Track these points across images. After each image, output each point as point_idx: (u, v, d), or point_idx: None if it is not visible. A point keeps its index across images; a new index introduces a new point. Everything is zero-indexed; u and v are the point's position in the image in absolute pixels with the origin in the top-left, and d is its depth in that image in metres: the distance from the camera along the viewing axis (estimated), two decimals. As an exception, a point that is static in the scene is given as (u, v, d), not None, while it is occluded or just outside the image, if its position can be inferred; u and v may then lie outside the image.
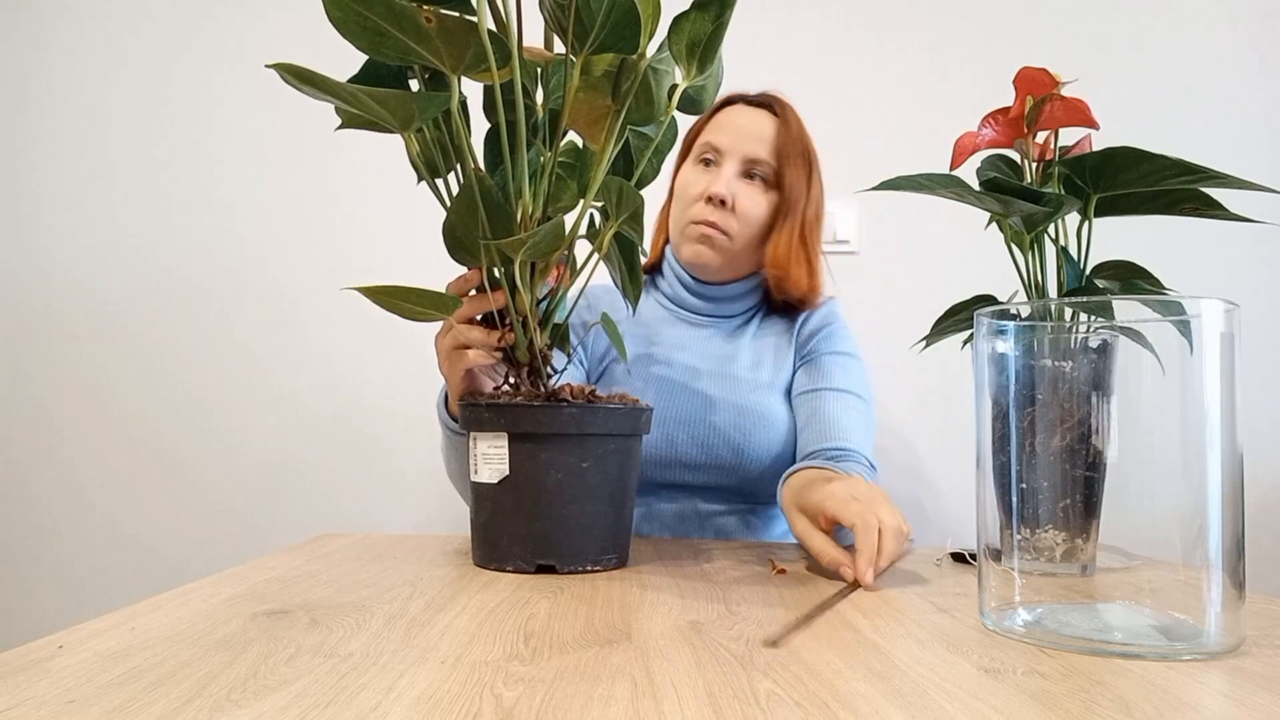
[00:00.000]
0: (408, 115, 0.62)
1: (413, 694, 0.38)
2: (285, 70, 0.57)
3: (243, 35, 1.61)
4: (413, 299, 0.67)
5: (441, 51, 0.61)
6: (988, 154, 0.72)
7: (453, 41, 0.60)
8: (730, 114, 1.10)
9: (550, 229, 0.66)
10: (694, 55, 0.70)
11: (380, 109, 0.61)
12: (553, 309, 0.75)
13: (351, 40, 0.60)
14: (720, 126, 1.09)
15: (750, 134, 1.07)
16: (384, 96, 0.60)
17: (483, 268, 0.71)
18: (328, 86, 0.58)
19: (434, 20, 0.58)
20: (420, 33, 0.59)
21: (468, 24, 0.60)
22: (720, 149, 1.07)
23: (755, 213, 1.07)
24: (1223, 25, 1.58)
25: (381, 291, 0.66)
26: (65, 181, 1.61)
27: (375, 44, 0.61)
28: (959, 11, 1.59)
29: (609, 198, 0.69)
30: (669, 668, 0.43)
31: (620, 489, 0.72)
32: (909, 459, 1.55)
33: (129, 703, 0.37)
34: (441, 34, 0.59)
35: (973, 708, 0.38)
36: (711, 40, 0.70)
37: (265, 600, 0.58)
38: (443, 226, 0.70)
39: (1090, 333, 0.55)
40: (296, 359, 1.59)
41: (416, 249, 1.52)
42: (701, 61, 0.71)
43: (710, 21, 0.69)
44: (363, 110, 0.62)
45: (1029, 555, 0.52)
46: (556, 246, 0.70)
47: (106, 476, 1.58)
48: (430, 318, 0.70)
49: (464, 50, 0.61)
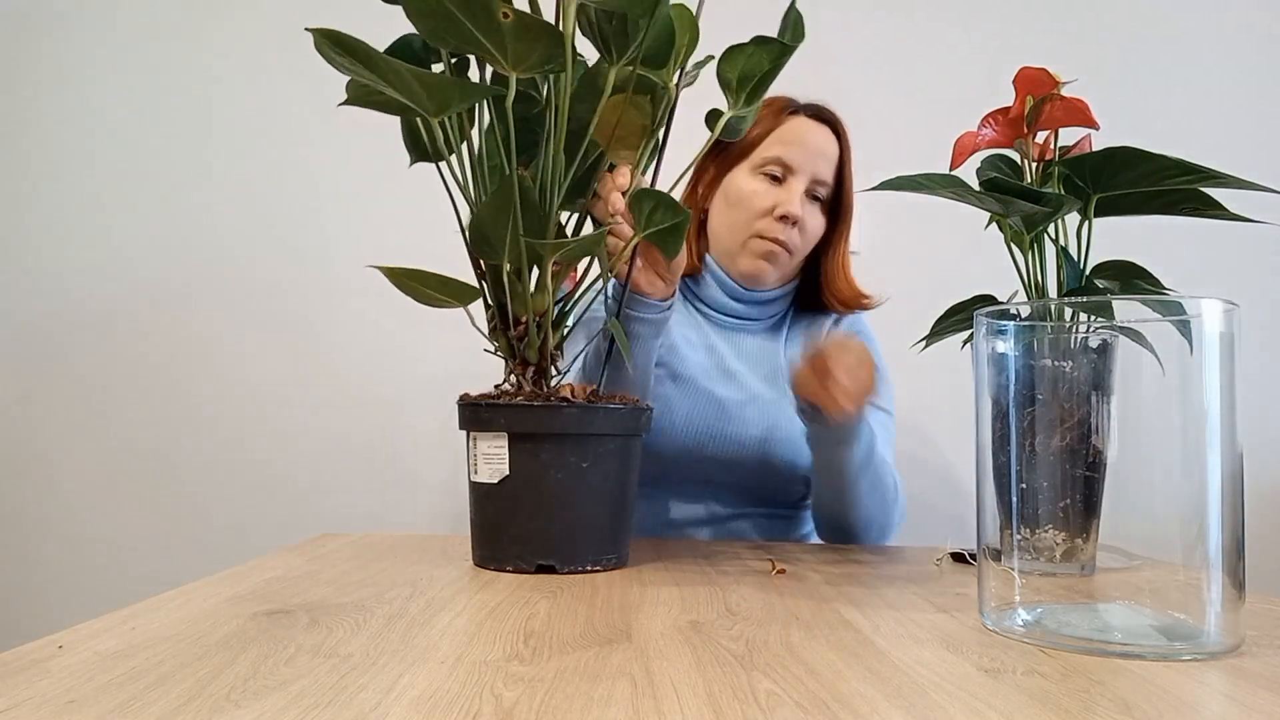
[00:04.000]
0: (446, 102, 0.62)
1: (412, 694, 0.38)
2: (323, 36, 0.57)
3: (240, 36, 1.61)
4: (433, 284, 0.67)
5: (508, 48, 0.61)
6: (988, 154, 0.72)
7: (524, 40, 0.60)
8: (797, 128, 1.07)
9: (590, 239, 0.66)
10: (744, 88, 0.72)
11: (420, 89, 0.60)
12: (567, 311, 0.75)
13: (416, 21, 0.60)
14: (789, 141, 1.06)
15: (819, 154, 1.06)
16: (428, 79, 0.59)
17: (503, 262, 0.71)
18: (368, 58, 0.58)
19: (511, 16, 0.58)
20: (492, 25, 0.59)
21: (545, 25, 0.60)
22: (791, 166, 1.05)
23: (815, 232, 1.09)
24: (1223, 25, 1.58)
25: (402, 273, 0.66)
26: (57, 186, 1.61)
27: (438, 29, 0.60)
28: (959, 11, 1.59)
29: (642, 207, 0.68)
30: (669, 668, 0.43)
31: (620, 489, 0.72)
32: (908, 460, 1.55)
33: (129, 703, 0.37)
34: (515, 30, 0.59)
35: (973, 708, 0.38)
36: (765, 78, 0.71)
37: (265, 600, 0.58)
38: (470, 220, 0.69)
39: (1090, 333, 0.55)
40: (297, 360, 1.59)
41: (420, 250, 1.51)
42: (750, 96, 0.73)
43: (768, 61, 0.70)
44: (398, 89, 0.61)
45: (1029, 555, 0.52)
46: (591, 252, 0.70)
47: (106, 477, 1.58)
48: (447, 304, 0.71)
49: (532, 49, 0.61)
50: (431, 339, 1.55)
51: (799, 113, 1.08)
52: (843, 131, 1.09)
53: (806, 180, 1.05)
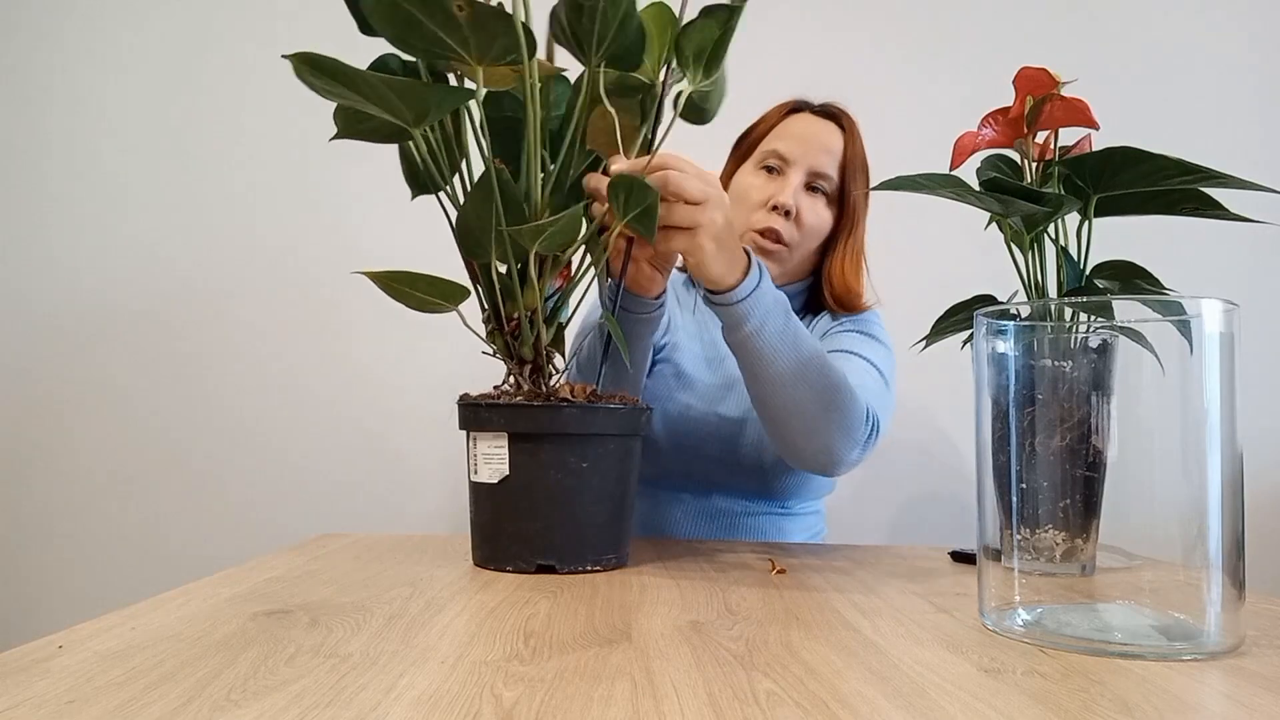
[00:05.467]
0: (423, 108, 0.63)
1: (413, 694, 0.38)
2: (300, 60, 0.57)
3: (254, 34, 1.61)
4: (421, 286, 0.67)
5: (470, 42, 0.62)
6: (988, 154, 0.72)
7: (483, 31, 0.61)
8: (798, 122, 1.08)
9: (568, 218, 0.66)
10: (700, 61, 0.71)
11: (396, 100, 0.61)
12: (558, 308, 0.75)
13: (382, 28, 0.61)
14: (787, 134, 1.07)
15: (818, 146, 1.05)
16: (402, 86, 0.60)
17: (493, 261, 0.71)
18: (343, 75, 0.58)
19: (466, 9, 0.59)
20: (450, 22, 0.60)
21: (499, 13, 0.60)
22: (787, 158, 1.05)
23: (817, 226, 1.06)
24: (1223, 25, 1.58)
25: (389, 277, 0.66)
26: (73, 182, 1.61)
27: (404, 34, 0.61)
28: (959, 11, 1.59)
29: (617, 196, 0.69)
30: (669, 668, 0.43)
31: (620, 489, 0.72)
32: (908, 460, 1.56)
33: (129, 703, 0.37)
34: (472, 23, 0.60)
35: (973, 708, 0.38)
36: (717, 46, 0.70)
37: (265, 600, 0.58)
38: (456, 221, 0.70)
39: (1090, 333, 0.55)
40: (297, 362, 1.59)
41: (426, 251, 1.52)
42: (708, 67, 0.71)
43: (718, 27, 0.69)
44: (376, 102, 0.61)
45: (1029, 555, 0.52)
46: (572, 239, 0.70)
47: (107, 477, 1.58)
48: (437, 308, 0.70)
49: (492, 41, 0.62)
50: (432, 340, 1.55)
51: (803, 110, 1.09)
52: (849, 127, 1.08)
53: (803, 173, 1.05)
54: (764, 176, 1.07)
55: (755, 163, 1.08)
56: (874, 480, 1.55)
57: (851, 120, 1.09)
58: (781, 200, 1.03)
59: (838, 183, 1.07)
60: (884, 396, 0.98)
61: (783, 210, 1.03)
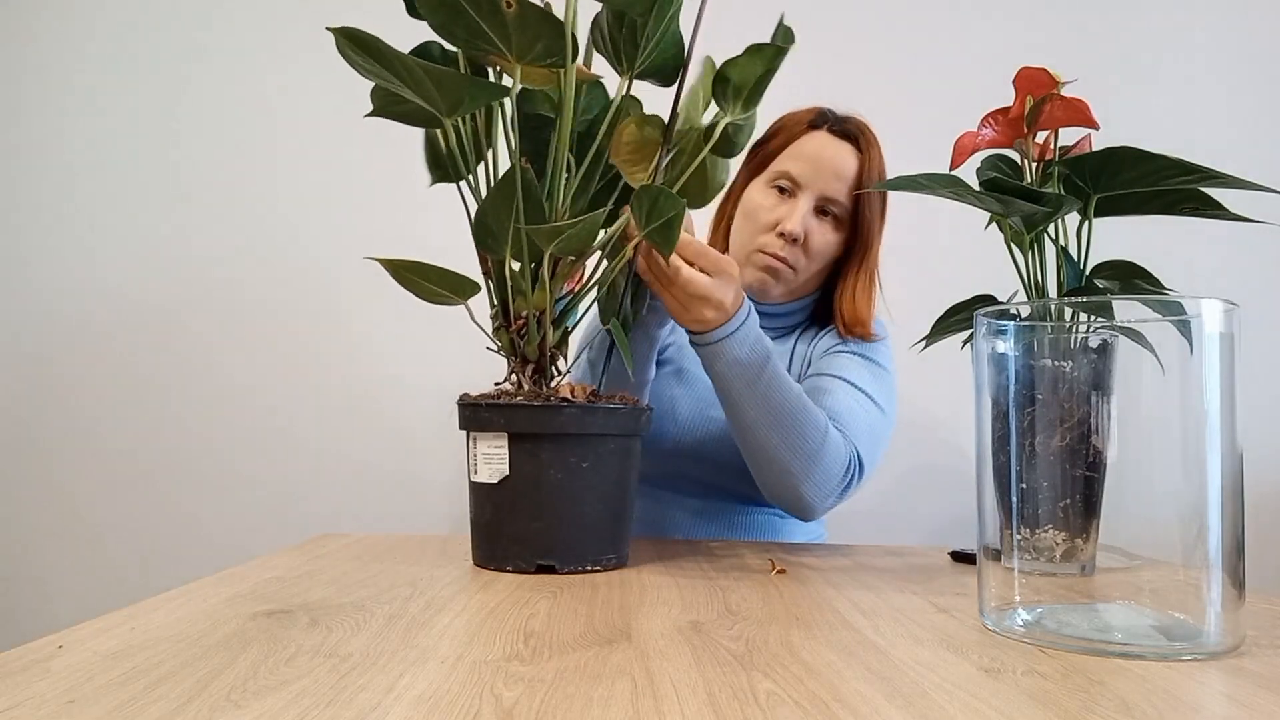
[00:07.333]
0: (457, 99, 0.63)
1: (413, 694, 0.38)
2: (343, 35, 0.57)
3: (233, 39, 1.61)
4: (431, 277, 0.68)
5: (511, 37, 0.62)
6: (988, 154, 0.72)
7: (528, 30, 0.61)
8: (812, 142, 1.05)
9: (586, 223, 0.66)
10: (739, 95, 0.73)
11: (433, 87, 0.61)
12: (567, 311, 0.75)
13: (428, 13, 0.61)
14: (800, 155, 1.04)
15: (830, 170, 1.03)
16: (439, 74, 0.60)
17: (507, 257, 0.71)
18: (384, 56, 0.58)
19: (513, 5, 0.59)
20: (496, 16, 0.60)
21: (546, 15, 0.60)
22: (798, 181, 1.03)
23: (824, 250, 1.05)
24: (1223, 25, 1.58)
25: (402, 265, 0.66)
26: (94, 178, 1.61)
27: (448, 22, 0.61)
28: (959, 11, 1.59)
29: (640, 207, 0.69)
30: (669, 668, 0.43)
31: (620, 489, 0.72)
32: (908, 460, 1.55)
33: (129, 703, 0.37)
34: (517, 19, 0.60)
35: (973, 708, 0.38)
36: (759, 84, 0.72)
37: (265, 600, 0.58)
38: (475, 213, 0.70)
39: (1090, 333, 0.55)
40: (298, 360, 1.59)
41: (437, 252, 1.52)
42: (747, 102, 0.73)
43: (762, 65, 0.71)
44: (412, 87, 0.61)
45: (1029, 555, 0.52)
46: (588, 244, 0.70)
47: (107, 477, 1.58)
48: (446, 300, 0.71)
49: (535, 41, 0.62)
50: (433, 340, 1.55)
51: (822, 127, 1.06)
52: (866, 146, 1.05)
53: (813, 198, 1.03)
54: (775, 197, 1.05)
55: (767, 180, 1.06)
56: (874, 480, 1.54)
57: (870, 139, 1.06)
58: (789, 229, 1.02)
59: (849, 206, 1.05)
60: (875, 431, 0.97)
61: (790, 238, 1.02)
